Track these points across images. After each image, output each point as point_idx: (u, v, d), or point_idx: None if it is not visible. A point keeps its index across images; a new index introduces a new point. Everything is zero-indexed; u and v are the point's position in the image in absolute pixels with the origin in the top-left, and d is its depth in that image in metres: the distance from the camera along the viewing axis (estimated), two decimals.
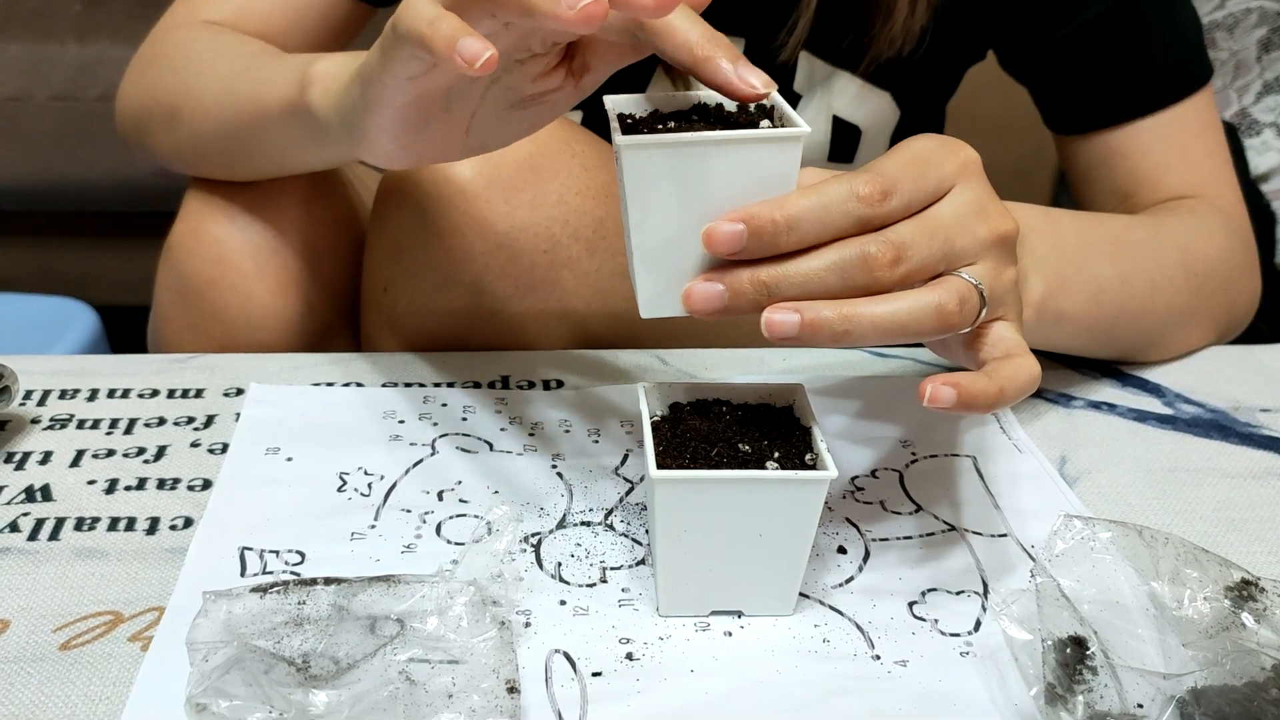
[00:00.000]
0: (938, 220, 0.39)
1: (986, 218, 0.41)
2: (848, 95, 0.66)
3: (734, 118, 0.40)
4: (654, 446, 0.40)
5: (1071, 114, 0.65)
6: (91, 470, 0.49)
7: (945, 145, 0.41)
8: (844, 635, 0.41)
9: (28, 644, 0.39)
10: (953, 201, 0.40)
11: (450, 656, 0.37)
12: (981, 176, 0.42)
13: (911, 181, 0.39)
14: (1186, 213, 0.60)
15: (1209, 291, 0.59)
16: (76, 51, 1.34)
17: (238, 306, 0.60)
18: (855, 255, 0.38)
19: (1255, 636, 0.38)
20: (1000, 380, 0.39)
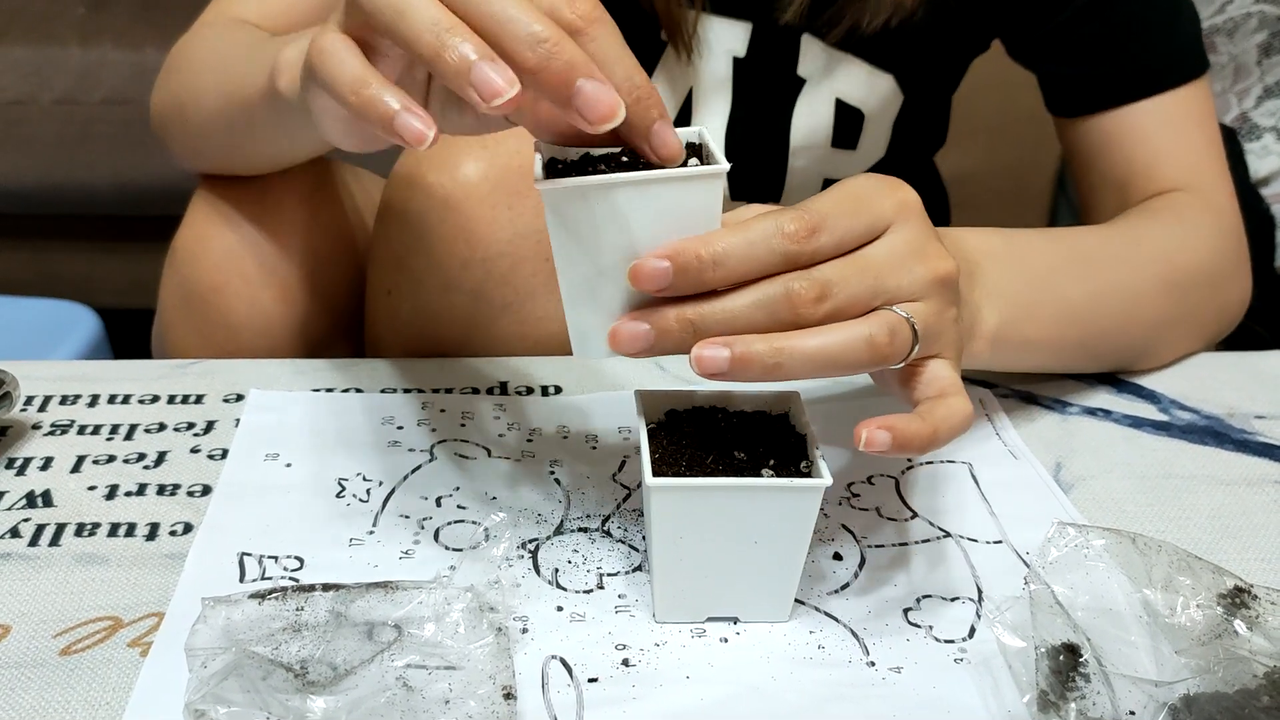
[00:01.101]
0: (869, 259, 0.39)
1: (923, 258, 0.40)
2: (850, 78, 0.66)
3: None
4: (650, 454, 0.40)
5: (1073, 95, 0.65)
6: (92, 476, 0.49)
7: (884, 185, 0.41)
8: (839, 642, 0.41)
9: (28, 649, 0.40)
10: (888, 241, 0.40)
11: (447, 662, 0.38)
12: (921, 217, 0.41)
13: (845, 219, 0.39)
14: (1172, 216, 0.60)
15: (1195, 300, 0.59)
16: (80, 55, 1.35)
17: (241, 312, 0.61)
18: (779, 292, 0.38)
19: (1248, 644, 0.38)
20: (934, 421, 0.38)
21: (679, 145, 0.37)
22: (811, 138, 0.67)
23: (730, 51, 0.66)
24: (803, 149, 0.67)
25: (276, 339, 0.61)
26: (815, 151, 0.67)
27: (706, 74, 0.66)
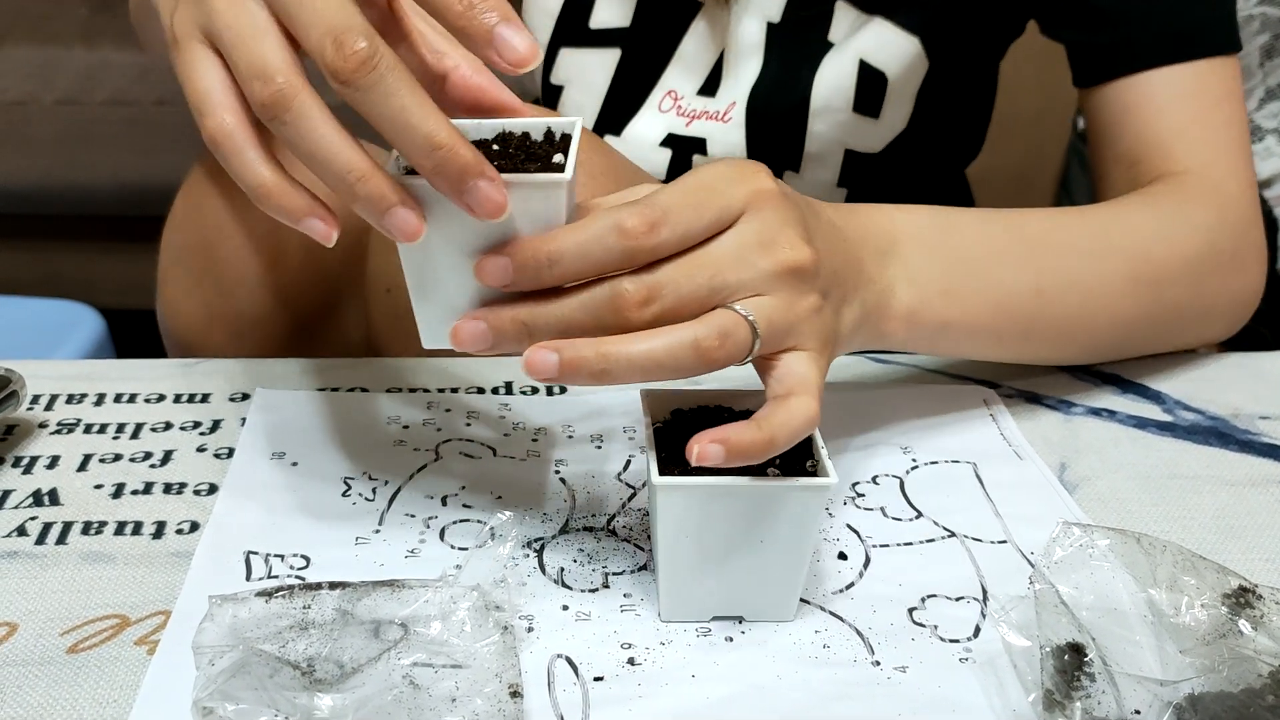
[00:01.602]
0: (707, 256, 0.39)
1: (770, 249, 0.40)
2: (875, 37, 0.65)
3: (532, 148, 0.41)
4: (656, 453, 0.40)
5: (1094, 63, 0.63)
6: (98, 475, 0.49)
7: (737, 171, 0.41)
8: (844, 641, 0.41)
9: (35, 647, 0.40)
10: (735, 234, 0.40)
11: (454, 661, 0.38)
12: (775, 204, 0.40)
13: (689, 211, 0.39)
14: (1168, 204, 0.57)
15: (1171, 297, 0.56)
16: (83, 56, 1.35)
17: (235, 273, 0.61)
18: (605, 295, 0.38)
19: (1252, 643, 0.38)
20: (770, 429, 0.38)
21: (528, 47, 0.36)
22: (832, 99, 0.66)
23: (765, 16, 0.66)
24: (823, 111, 0.66)
25: (267, 306, 0.61)
26: (836, 115, 0.66)
27: (739, 37, 0.66)
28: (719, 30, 0.67)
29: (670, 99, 0.69)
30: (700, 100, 0.68)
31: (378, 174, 0.36)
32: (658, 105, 0.69)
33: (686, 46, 0.68)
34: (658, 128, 0.69)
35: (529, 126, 0.42)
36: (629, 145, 0.70)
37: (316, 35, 0.35)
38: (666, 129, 0.69)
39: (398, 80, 0.35)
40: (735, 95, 0.67)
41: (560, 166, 0.39)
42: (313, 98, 0.36)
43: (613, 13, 0.69)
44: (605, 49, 0.69)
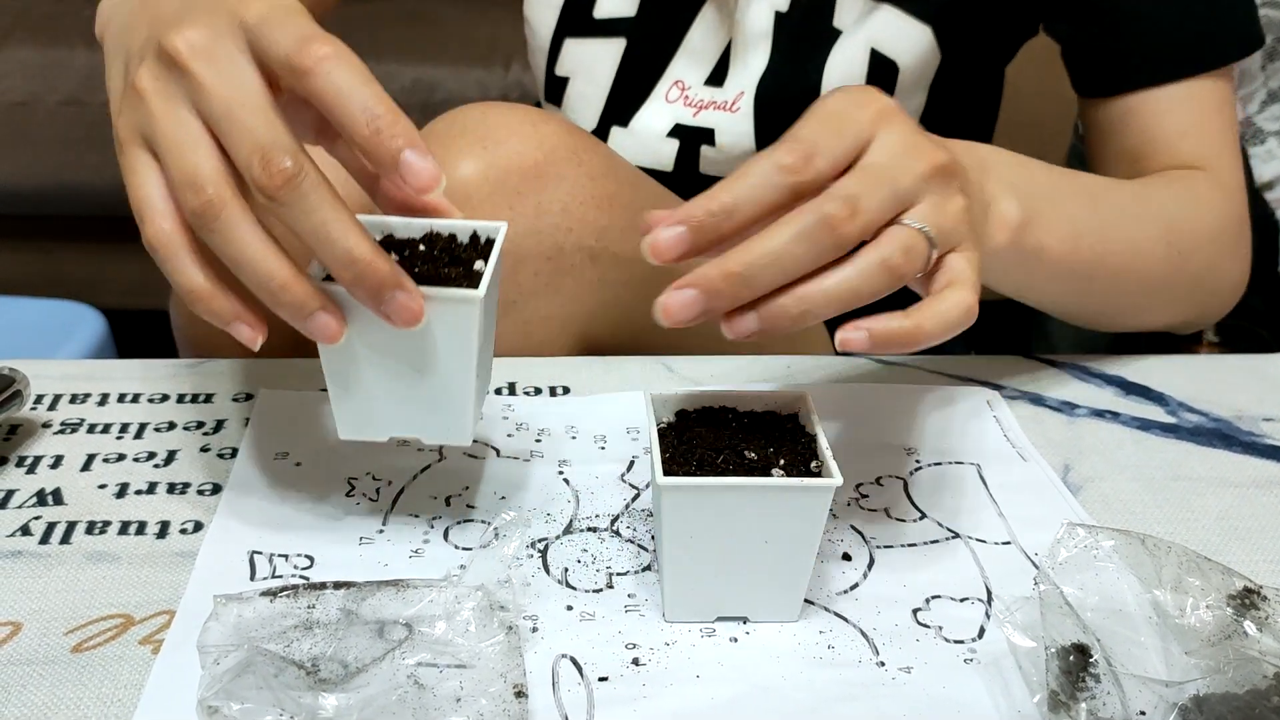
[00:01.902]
0: (875, 166, 0.40)
1: (918, 153, 0.41)
2: (886, 26, 0.65)
3: (455, 250, 0.43)
4: (661, 453, 0.40)
5: (1096, 76, 0.65)
6: (102, 474, 0.49)
7: (858, 96, 0.42)
8: (849, 642, 0.41)
9: (40, 646, 0.40)
10: (880, 147, 0.41)
11: (458, 661, 0.38)
12: (902, 117, 0.42)
13: (832, 138, 0.40)
14: (1184, 185, 0.60)
15: (1191, 269, 0.59)
16: (86, 57, 1.35)
17: None
18: (814, 220, 0.38)
19: (1257, 644, 0.38)
20: (918, 318, 0.39)
21: (431, 172, 0.38)
22: None
23: (773, 4, 0.66)
24: None
25: None
26: None
27: (747, 26, 0.66)
28: (726, 19, 0.67)
29: (677, 89, 0.69)
30: (708, 90, 0.68)
31: (299, 282, 0.38)
32: (664, 96, 0.69)
33: (693, 36, 0.68)
34: (665, 118, 0.69)
35: (455, 228, 0.43)
36: (636, 136, 0.70)
37: (245, 152, 0.37)
38: (674, 119, 0.69)
39: (320, 197, 0.37)
40: (743, 85, 0.67)
41: (479, 273, 0.41)
42: (240, 208, 0.37)
43: (618, 2, 0.69)
44: (611, 39, 0.69)
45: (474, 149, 0.57)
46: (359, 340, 0.40)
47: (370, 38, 1.38)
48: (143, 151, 0.39)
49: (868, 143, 0.41)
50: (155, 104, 0.38)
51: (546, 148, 0.57)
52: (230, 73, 0.38)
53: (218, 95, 0.37)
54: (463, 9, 1.47)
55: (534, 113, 0.59)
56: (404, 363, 0.40)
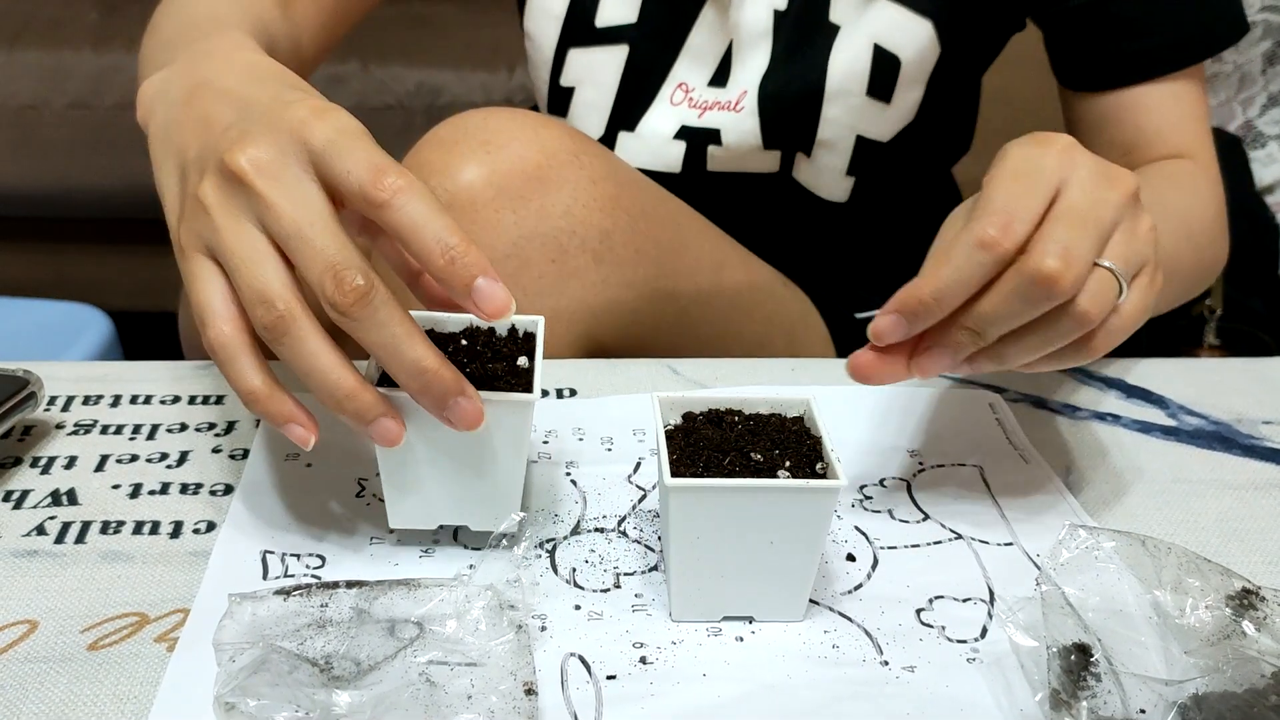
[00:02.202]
0: (1077, 210, 0.41)
1: (1112, 182, 0.43)
2: (888, 21, 0.66)
3: (497, 345, 0.45)
4: (668, 455, 0.41)
5: (1091, 72, 0.67)
6: (115, 475, 0.50)
7: (1036, 145, 0.43)
8: (853, 641, 0.42)
9: (57, 644, 0.40)
10: (1075, 187, 0.42)
11: (469, 659, 0.38)
12: (1083, 151, 0.43)
13: (1026, 198, 0.41)
14: (1185, 180, 0.64)
15: (1203, 257, 0.64)
16: (93, 60, 1.36)
17: None
18: (1031, 283, 0.40)
19: (1256, 644, 0.39)
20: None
21: (503, 299, 0.39)
22: (847, 83, 0.67)
23: (771, 4, 0.67)
24: (838, 95, 0.67)
25: None
26: (850, 100, 0.67)
27: (746, 26, 0.67)
28: (725, 20, 0.68)
29: (681, 91, 0.70)
30: (711, 91, 0.69)
31: (364, 391, 0.39)
32: (669, 99, 0.70)
33: (694, 39, 0.69)
34: (671, 121, 0.70)
35: (494, 322, 0.45)
36: (643, 140, 0.71)
37: (317, 271, 0.38)
38: (680, 121, 0.70)
39: (389, 312, 0.38)
40: (746, 84, 0.68)
41: (523, 369, 0.43)
42: (310, 322, 0.39)
43: (618, 9, 0.70)
44: (613, 46, 0.70)
45: (477, 154, 0.57)
46: (416, 440, 0.41)
47: (376, 41, 1.38)
48: (206, 260, 0.40)
49: (1060, 188, 0.42)
50: (220, 219, 0.39)
51: (548, 151, 0.58)
52: (297, 193, 0.39)
53: (286, 215, 0.38)
54: (467, 14, 1.47)
55: (535, 117, 0.60)
56: (459, 460, 0.42)
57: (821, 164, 0.70)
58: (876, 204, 0.74)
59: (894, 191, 0.75)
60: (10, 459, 0.51)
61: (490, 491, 0.43)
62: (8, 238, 1.45)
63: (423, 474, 0.43)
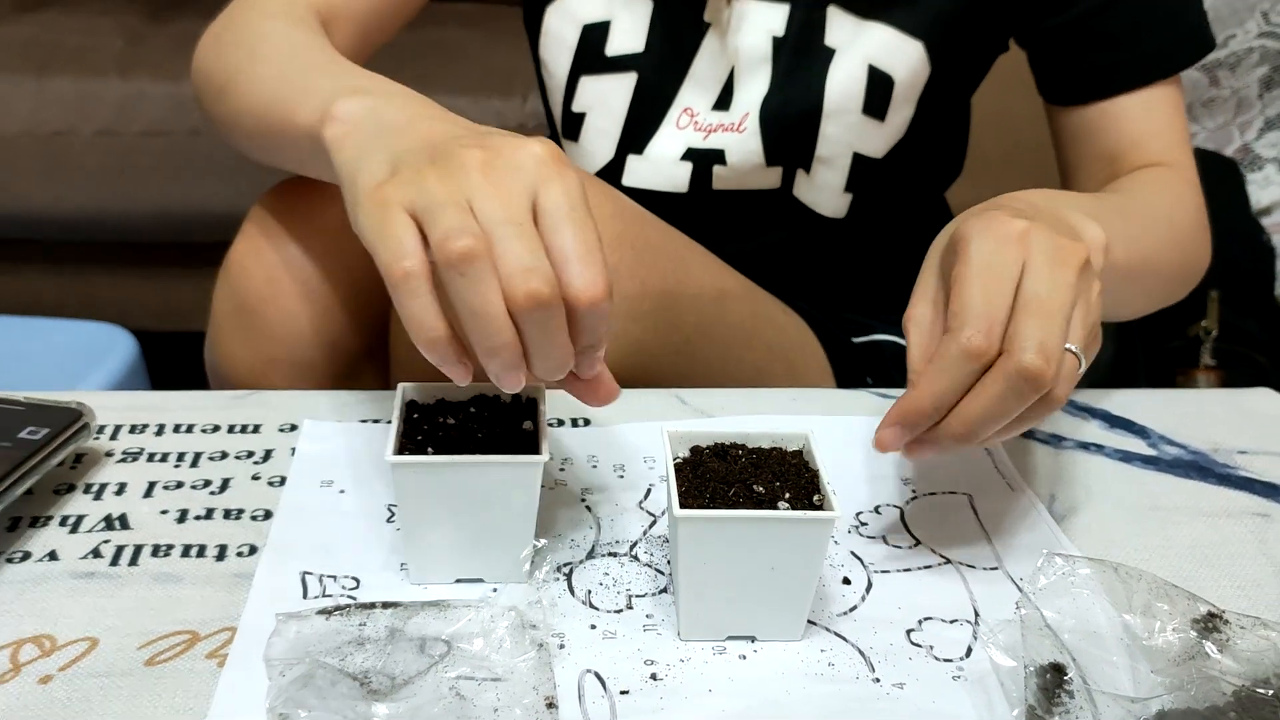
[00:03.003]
0: (1040, 300, 0.45)
1: (1065, 258, 0.47)
2: (881, 43, 0.70)
3: (505, 412, 0.50)
4: (677, 487, 0.44)
5: (1073, 86, 0.72)
6: (163, 501, 0.53)
7: (993, 236, 0.47)
8: (847, 659, 0.45)
9: (116, 660, 0.44)
10: (1035, 273, 0.46)
11: (494, 674, 0.42)
12: (1038, 229, 0.47)
13: (997, 297, 0.45)
14: (1166, 185, 0.68)
15: (1188, 259, 0.68)
16: (120, 88, 1.40)
17: (285, 324, 0.65)
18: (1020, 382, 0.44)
19: (1218, 665, 0.42)
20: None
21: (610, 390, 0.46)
22: (844, 103, 0.71)
23: (770, 31, 0.71)
24: (836, 114, 0.71)
25: (312, 350, 0.66)
26: (847, 118, 0.71)
27: (746, 52, 0.71)
28: (727, 47, 0.72)
29: (687, 115, 0.74)
30: (715, 114, 0.73)
31: (516, 343, 0.42)
32: (675, 122, 0.74)
33: (698, 66, 0.73)
34: (677, 144, 0.74)
35: (498, 391, 0.50)
36: (651, 163, 0.75)
37: (510, 262, 0.41)
38: (686, 144, 0.74)
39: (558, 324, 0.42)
40: (748, 106, 0.72)
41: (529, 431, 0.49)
42: (492, 267, 0.41)
43: (627, 39, 0.73)
44: (622, 74, 0.74)
45: None
46: (433, 504, 0.46)
47: (395, 68, 1.42)
48: (406, 215, 0.43)
49: (1022, 275, 0.46)
50: (434, 185, 0.42)
51: None
52: (512, 199, 0.42)
53: (498, 206, 0.42)
54: (482, 42, 1.51)
55: None
56: (473, 520, 0.46)
57: (820, 180, 0.74)
58: (873, 221, 0.78)
59: (889, 209, 0.79)
60: (65, 485, 0.54)
61: (502, 550, 0.47)
62: (38, 260, 1.49)
63: (440, 536, 0.46)
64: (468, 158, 0.43)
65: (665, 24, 0.73)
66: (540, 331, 0.42)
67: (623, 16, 0.73)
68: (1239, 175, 1.58)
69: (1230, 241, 1.48)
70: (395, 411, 0.48)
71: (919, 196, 0.82)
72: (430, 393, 0.50)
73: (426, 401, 0.50)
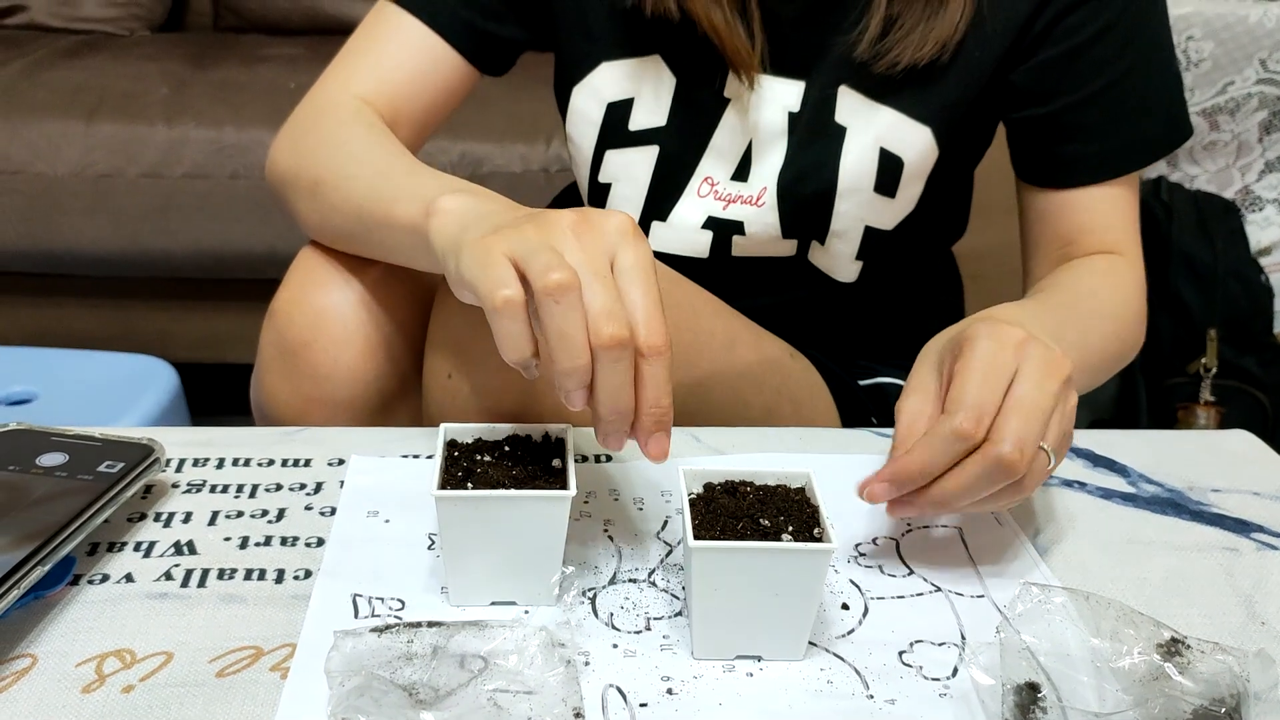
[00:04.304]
0: (1027, 401, 0.52)
1: (1051, 370, 0.54)
2: (891, 126, 0.76)
3: (536, 451, 0.55)
4: (691, 520, 0.50)
5: (1040, 171, 0.77)
6: (226, 529, 0.59)
7: (997, 339, 0.54)
8: (845, 678, 0.50)
9: (189, 672, 0.49)
10: (1025, 378, 0.53)
11: (527, 688, 0.47)
12: (1033, 344, 0.54)
13: (991, 394, 0.52)
14: (1113, 277, 0.74)
15: (1127, 346, 0.75)
16: (164, 132, 1.47)
17: (328, 366, 0.71)
18: (996, 466, 0.51)
19: (1179, 686, 0.46)
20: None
21: (665, 451, 0.51)
22: (857, 181, 0.76)
23: (786, 107, 0.76)
24: (849, 191, 0.77)
25: (354, 389, 0.71)
26: (860, 195, 0.77)
27: (764, 126, 0.77)
28: (746, 122, 0.77)
29: (707, 185, 0.79)
30: (734, 185, 0.78)
31: (589, 370, 0.49)
32: (696, 191, 0.79)
33: (718, 138, 0.78)
34: (698, 212, 0.79)
35: (530, 430, 0.56)
36: (674, 230, 0.80)
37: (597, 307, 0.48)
38: (706, 213, 0.79)
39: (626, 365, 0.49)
40: (765, 180, 0.77)
41: (558, 469, 0.53)
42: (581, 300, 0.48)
43: (650, 115, 0.79)
44: (645, 146, 0.79)
45: None
46: (472, 533, 0.51)
47: None
48: (507, 259, 0.49)
49: (1014, 377, 0.53)
50: (532, 234, 0.50)
51: None
52: (596, 254, 0.50)
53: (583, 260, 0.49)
54: (506, 88, 1.58)
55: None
56: (508, 549, 0.51)
57: (834, 250, 0.79)
58: (882, 282, 0.83)
59: (897, 271, 0.84)
60: (138, 514, 0.60)
61: (533, 575, 0.52)
62: (84, 295, 1.56)
63: (477, 562, 0.52)
64: (561, 218, 0.51)
65: (687, 99, 0.78)
66: (612, 370, 0.48)
67: (646, 94, 0.78)
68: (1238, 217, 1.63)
69: (1229, 281, 1.53)
70: (438, 450, 0.54)
71: (927, 257, 0.88)
72: (469, 433, 0.56)
73: (465, 441, 0.56)
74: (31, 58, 1.59)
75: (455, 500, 0.50)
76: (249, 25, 1.87)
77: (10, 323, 1.55)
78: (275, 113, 1.55)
